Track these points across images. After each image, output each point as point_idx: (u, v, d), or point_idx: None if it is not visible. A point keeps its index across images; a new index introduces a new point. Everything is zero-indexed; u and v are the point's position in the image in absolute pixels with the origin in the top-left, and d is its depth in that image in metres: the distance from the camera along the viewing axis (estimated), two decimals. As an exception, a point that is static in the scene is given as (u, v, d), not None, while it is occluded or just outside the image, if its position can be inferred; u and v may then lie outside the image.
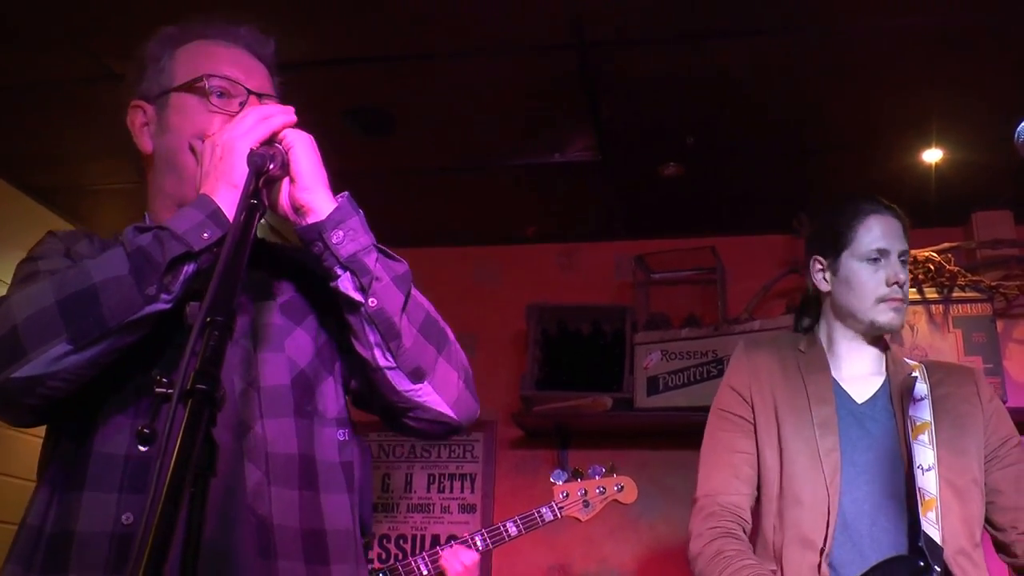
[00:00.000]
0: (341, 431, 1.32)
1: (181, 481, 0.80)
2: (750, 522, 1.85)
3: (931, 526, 1.70)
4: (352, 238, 1.21)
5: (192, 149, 1.27)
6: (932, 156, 3.04)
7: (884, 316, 1.83)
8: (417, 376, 1.24)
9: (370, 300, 1.20)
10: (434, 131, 3.07)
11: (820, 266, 1.93)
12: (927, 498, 1.73)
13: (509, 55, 2.66)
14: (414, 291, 1.26)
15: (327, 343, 1.33)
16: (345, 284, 1.21)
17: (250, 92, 1.31)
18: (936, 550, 1.69)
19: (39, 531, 1.15)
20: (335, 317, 1.31)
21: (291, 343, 1.28)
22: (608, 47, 2.60)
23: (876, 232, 1.85)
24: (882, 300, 1.83)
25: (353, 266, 1.20)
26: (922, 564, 1.67)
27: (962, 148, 2.99)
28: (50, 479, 1.19)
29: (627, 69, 2.69)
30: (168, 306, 1.12)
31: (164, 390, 0.87)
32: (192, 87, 1.29)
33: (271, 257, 1.35)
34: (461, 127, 3.04)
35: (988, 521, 1.83)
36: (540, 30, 2.52)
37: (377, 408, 1.33)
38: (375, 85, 2.82)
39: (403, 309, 1.23)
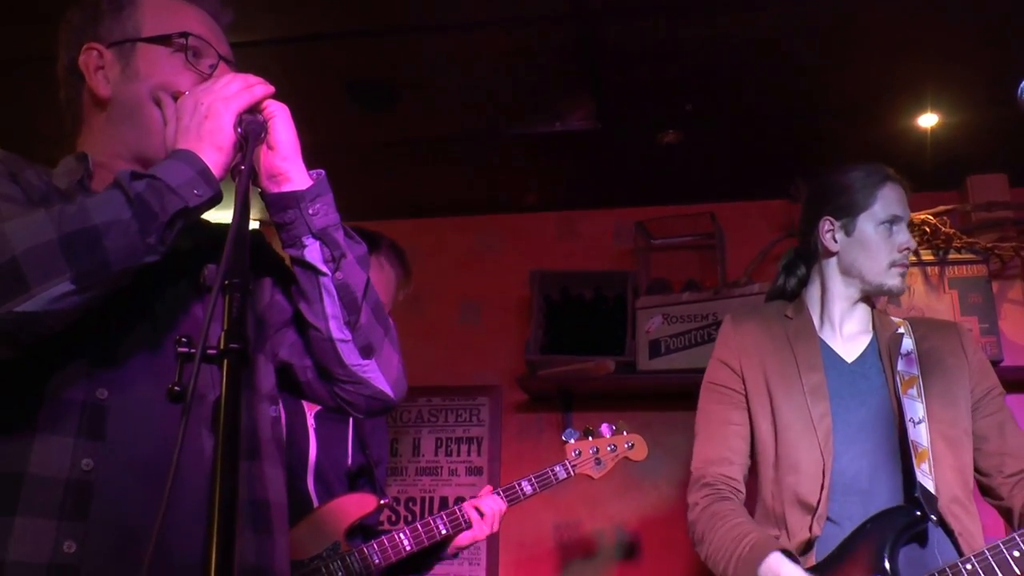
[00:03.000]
0: (273, 407, 1.35)
1: (235, 438, 0.84)
2: (743, 491, 1.93)
3: (925, 477, 1.76)
4: (325, 212, 1.26)
5: (157, 101, 1.28)
6: (928, 121, 3.06)
7: (894, 280, 1.92)
8: (367, 352, 1.30)
9: (337, 273, 1.26)
10: (436, 103, 3.09)
11: (830, 226, 1.98)
12: (920, 450, 1.78)
13: (509, 26, 2.68)
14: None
15: (261, 319, 1.37)
16: (312, 254, 1.26)
17: (221, 57, 1.34)
18: (931, 500, 1.75)
19: None
20: (271, 292, 1.36)
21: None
22: (607, 16, 2.62)
23: (893, 199, 1.93)
24: (894, 264, 1.91)
25: (324, 238, 1.25)
26: (919, 513, 1.73)
27: (958, 112, 3.01)
28: None
29: (626, 38, 2.72)
30: (158, 258, 1.13)
31: (186, 350, 0.90)
32: (169, 41, 1.30)
33: (208, 232, 1.35)
34: (463, 98, 3.06)
35: (974, 467, 1.89)
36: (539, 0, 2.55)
37: (310, 379, 1.37)
38: (376, 58, 2.84)
39: (366, 287, 1.29)
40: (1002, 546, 1.64)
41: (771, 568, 1.73)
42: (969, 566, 1.65)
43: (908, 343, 1.92)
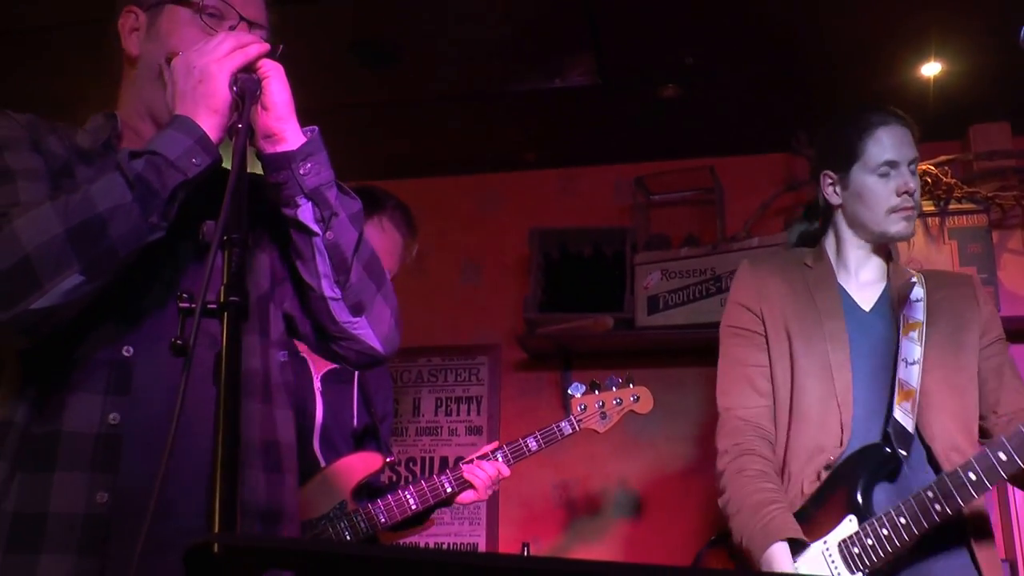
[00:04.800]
0: (282, 352, 1.40)
1: (236, 385, 0.86)
2: (773, 432, 1.90)
3: (905, 415, 1.75)
4: (317, 171, 1.26)
5: (165, 64, 1.29)
6: (931, 69, 3.03)
7: (896, 226, 1.88)
8: (357, 310, 1.32)
9: (328, 233, 1.27)
10: (435, 61, 3.06)
11: (831, 180, 1.96)
12: (906, 389, 1.77)
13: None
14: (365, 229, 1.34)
15: (274, 267, 1.40)
16: (305, 214, 1.27)
17: (243, 19, 1.32)
18: (905, 436, 1.74)
19: (24, 432, 1.18)
20: (279, 243, 1.38)
21: (256, 266, 1.35)
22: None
23: (885, 143, 1.88)
24: (894, 211, 1.87)
25: (316, 198, 1.26)
26: (888, 450, 1.74)
27: (961, 60, 2.97)
28: (35, 380, 1.20)
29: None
30: (163, 233, 1.16)
31: (187, 305, 0.91)
32: (187, 1, 1.31)
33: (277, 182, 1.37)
34: (462, 56, 3.02)
35: None
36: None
37: (308, 332, 1.40)
38: (378, 17, 2.80)
39: (356, 245, 1.30)
40: (959, 471, 1.65)
41: (770, 557, 1.72)
42: (930, 493, 1.65)
43: (918, 291, 1.91)
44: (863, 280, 1.96)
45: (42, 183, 1.19)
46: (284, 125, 1.25)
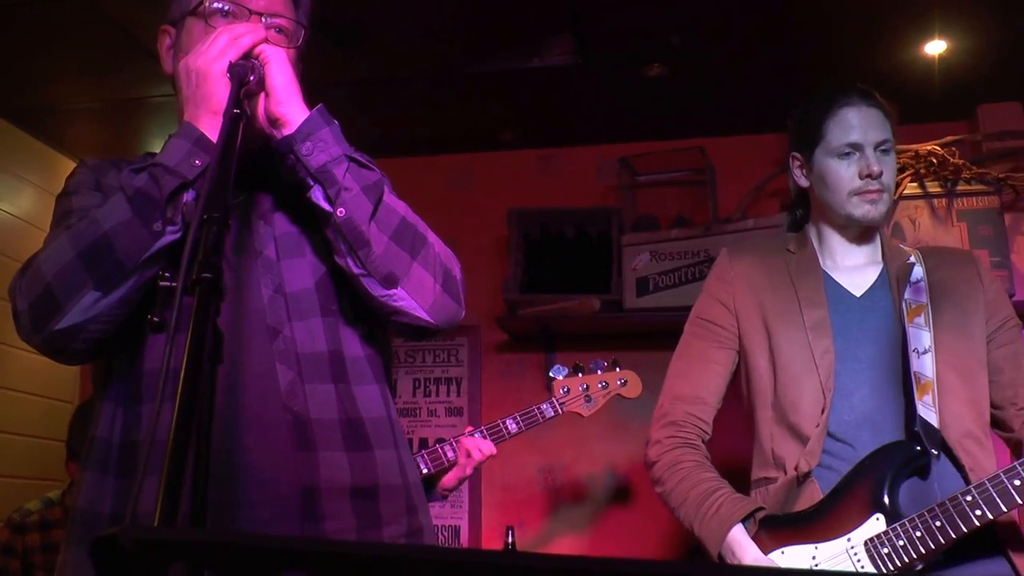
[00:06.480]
0: (363, 326, 1.38)
1: (198, 365, 0.84)
2: (710, 433, 1.88)
3: (928, 410, 1.69)
4: (322, 149, 1.25)
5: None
6: (936, 47, 2.93)
7: (859, 209, 1.80)
8: (389, 282, 1.28)
9: (338, 210, 1.24)
10: (408, 38, 2.92)
11: (798, 163, 1.90)
12: (923, 381, 1.71)
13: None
14: (388, 197, 1.29)
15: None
16: (316, 195, 1.25)
17: (252, 12, 1.32)
18: (933, 433, 1.68)
19: (109, 443, 1.26)
20: None
21: (312, 247, 1.35)
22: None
23: (847, 125, 1.80)
24: (856, 193, 1.79)
25: (322, 177, 1.24)
26: (918, 448, 1.67)
27: (967, 38, 2.88)
28: (112, 396, 1.28)
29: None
30: (177, 236, 1.19)
31: (168, 283, 0.92)
32: (195, 11, 1.33)
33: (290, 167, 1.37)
34: (436, 32, 2.89)
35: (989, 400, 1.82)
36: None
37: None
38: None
39: (371, 217, 1.26)
40: (1003, 476, 1.58)
41: (730, 546, 1.70)
42: (969, 497, 1.59)
43: (918, 271, 1.84)
44: (850, 265, 1.88)
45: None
46: (285, 109, 1.24)
